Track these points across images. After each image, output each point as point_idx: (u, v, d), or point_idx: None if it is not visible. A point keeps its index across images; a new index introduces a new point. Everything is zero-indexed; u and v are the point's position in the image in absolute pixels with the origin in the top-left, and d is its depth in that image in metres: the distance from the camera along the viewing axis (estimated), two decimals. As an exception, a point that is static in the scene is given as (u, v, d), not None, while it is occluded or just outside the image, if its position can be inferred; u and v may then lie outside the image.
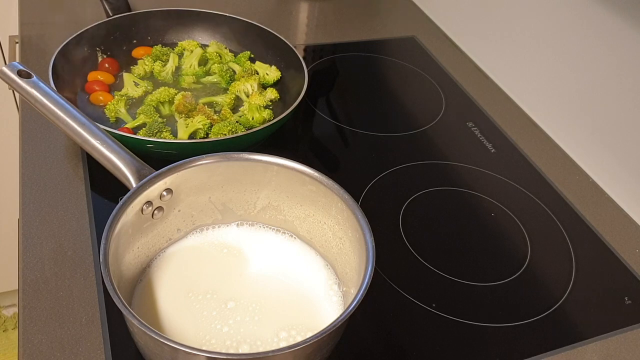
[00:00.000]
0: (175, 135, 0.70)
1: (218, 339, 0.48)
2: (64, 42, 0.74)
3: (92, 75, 0.77)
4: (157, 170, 0.51)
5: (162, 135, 0.68)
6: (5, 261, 1.50)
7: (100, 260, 0.43)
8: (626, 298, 0.63)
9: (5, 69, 0.55)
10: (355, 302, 0.43)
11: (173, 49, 0.84)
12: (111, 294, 0.41)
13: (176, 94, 0.75)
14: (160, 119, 0.72)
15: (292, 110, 0.70)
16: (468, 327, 0.58)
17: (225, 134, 0.69)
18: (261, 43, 0.85)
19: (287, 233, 0.58)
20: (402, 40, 1.02)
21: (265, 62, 0.84)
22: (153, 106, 0.73)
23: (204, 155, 0.52)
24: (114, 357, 0.50)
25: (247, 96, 0.78)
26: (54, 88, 0.64)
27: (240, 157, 0.53)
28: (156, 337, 0.39)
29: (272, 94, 0.78)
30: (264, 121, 0.74)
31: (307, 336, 0.42)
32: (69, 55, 0.74)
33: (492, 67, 0.95)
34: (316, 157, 0.77)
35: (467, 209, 0.71)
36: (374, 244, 0.47)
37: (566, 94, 0.81)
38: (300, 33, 1.00)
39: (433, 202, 0.71)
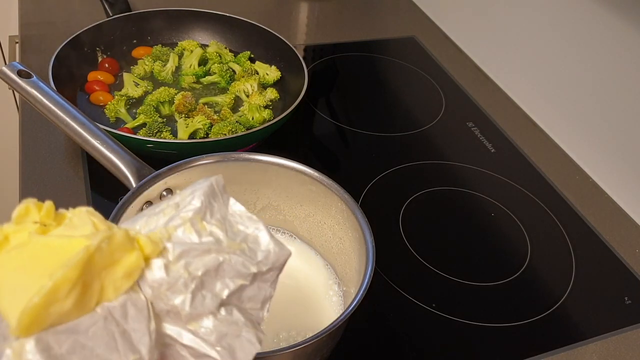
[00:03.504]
0: (175, 135, 0.70)
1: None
2: (64, 42, 0.74)
3: (92, 75, 0.77)
4: (157, 170, 0.51)
5: (162, 135, 0.68)
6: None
7: (100, 260, 0.43)
8: (626, 298, 0.63)
9: (5, 69, 0.55)
10: (355, 302, 0.43)
11: (173, 49, 0.84)
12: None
13: (176, 94, 0.75)
14: (160, 119, 0.72)
15: (292, 110, 0.70)
16: (468, 327, 0.58)
17: (225, 134, 0.69)
18: (261, 43, 0.85)
19: (287, 233, 0.58)
20: (402, 40, 1.02)
21: (265, 62, 0.84)
22: (153, 106, 0.73)
23: (204, 155, 0.52)
24: (114, 357, 0.50)
25: (247, 96, 0.78)
26: (54, 88, 0.64)
27: (240, 157, 0.53)
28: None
29: (272, 94, 0.78)
30: (264, 121, 0.74)
31: (307, 336, 0.42)
32: (69, 55, 0.74)
33: (492, 67, 0.95)
34: (316, 157, 0.77)
35: (467, 209, 0.71)
36: (374, 244, 0.47)
37: (566, 94, 0.81)
38: (300, 33, 1.00)
39: (433, 202, 0.72)
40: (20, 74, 0.55)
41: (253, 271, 0.30)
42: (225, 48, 0.86)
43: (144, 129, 0.69)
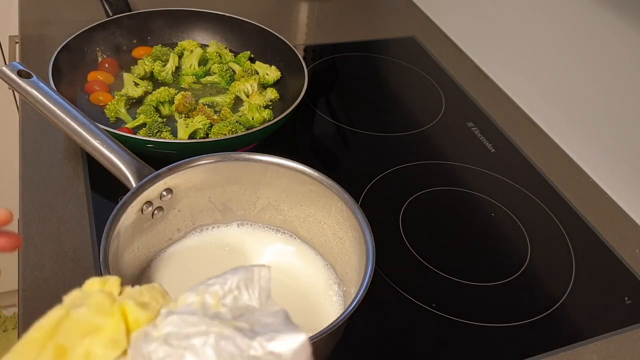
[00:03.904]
0: (175, 135, 0.70)
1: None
2: (64, 42, 0.74)
3: (92, 75, 0.77)
4: (157, 170, 0.51)
5: (162, 135, 0.68)
6: (5, 261, 1.49)
7: (100, 260, 0.43)
8: (626, 298, 0.63)
9: (5, 69, 0.55)
10: (355, 302, 0.43)
11: (173, 49, 0.84)
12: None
13: (176, 94, 0.75)
14: (160, 119, 0.72)
15: (292, 110, 0.70)
16: (468, 327, 0.58)
17: (225, 134, 0.69)
18: (261, 43, 0.85)
19: (287, 233, 0.58)
20: (402, 40, 1.02)
21: (265, 62, 0.84)
22: (153, 106, 0.73)
23: (204, 155, 0.52)
24: (114, 357, 0.50)
25: (247, 96, 0.78)
26: (54, 88, 0.64)
27: (240, 157, 0.53)
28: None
29: (272, 94, 0.78)
30: (264, 121, 0.74)
31: (307, 336, 0.42)
32: (69, 55, 0.74)
33: (492, 67, 0.95)
34: (316, 157, 0.77)
35: (467, 209, 0.71)
36: (374, 244, 0.47)
37: (566, 94, 0.81)
38: (300, 33, 1.00)
39: (433, 202, 0.71)
40: (20, 74, 0.55)
41: (252, 354, 0.26)
42: (225, 48, 0.86)
43: (144, 129, 0.69)
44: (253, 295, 0.30)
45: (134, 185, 0.50)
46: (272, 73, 0.82)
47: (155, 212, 0.52)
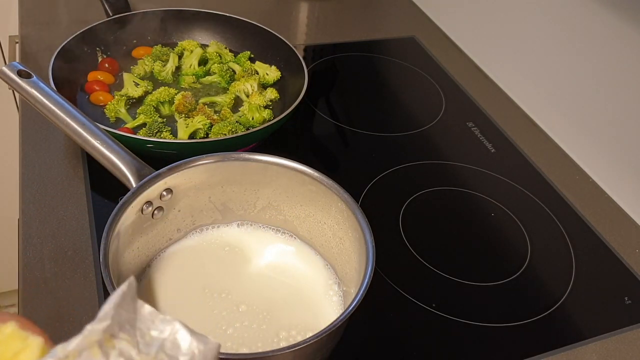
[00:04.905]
0: (175, 135, 0.70)
1: (219, 339, 0.48)
2: (64, 42, 0.74)
3: (92, 75, 0.77)
4: (157, 170, 0.51)
5: (162, 135, 0.68)
6: (5, 261, 1.49)
7: (100, 260, 0.43)
8: (626, 298, 0.63)
9: (5, 69, 0.55)
10: (355, 302, 0.43)
11: (173, 49, 0.84)
12: (111, 293, 0.41)
13: (176, 94, 0.75)
14: (160, 119, 0.72)
15: (292, 110, 0.70)
16: (468, 327, 0.58)
17: (225, 134, 0.69)
18: (261, 43, 0.85)
19: (287, 233, 0.58)
20: (402, 40, 1.02)
21: (265, 62, 0.84)
22: (153, 106, 0.73)
23: (203, 155, 0.52)
24: (114, 357, 0.50)
25: (247, 96, 0.78)
26: (54, 88, 0.64)
27: (240, 157, 0.53)
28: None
29: (272, 94, 0.78)
30: (264, 121, 0.74)
31: (307, 336, 0.42)
32: (69, 55, 0.74)
33: (492, 67, 0.95)
34: (316, 157, 0.77)
35: (467, 209, 0.71)
36: (374, 244, 0.47)
37: (566, 94, 0.81)
38: (300, 33, 1.00)
39: (433, 202, 0.72)
40: (20, 74, 0.55)
41: None
42: (225, 48, 0.86)
43: (144, 129, 0.69)
44: (130, 310, 0.29)
45: (134, 185, 0.50)
46: (272, 73, 0.82)
47: (155, 212, 0.52)
